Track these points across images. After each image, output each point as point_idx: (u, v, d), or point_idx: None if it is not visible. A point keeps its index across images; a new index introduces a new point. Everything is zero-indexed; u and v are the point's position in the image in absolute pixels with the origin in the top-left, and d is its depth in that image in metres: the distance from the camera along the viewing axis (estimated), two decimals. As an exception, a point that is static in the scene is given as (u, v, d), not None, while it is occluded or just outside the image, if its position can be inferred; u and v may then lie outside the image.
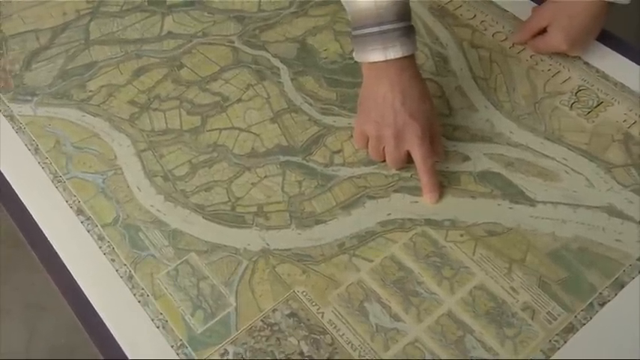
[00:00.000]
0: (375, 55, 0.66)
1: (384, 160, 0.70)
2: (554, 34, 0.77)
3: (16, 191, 0.70)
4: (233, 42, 0.83)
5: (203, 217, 0.68)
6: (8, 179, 0.71)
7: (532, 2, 0.85)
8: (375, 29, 0.65)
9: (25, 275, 1.33)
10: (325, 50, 0.81)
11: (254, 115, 0.76)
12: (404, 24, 0.66)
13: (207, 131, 0.75)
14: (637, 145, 0.72)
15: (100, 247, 0.66)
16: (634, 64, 0.79)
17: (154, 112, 0.76)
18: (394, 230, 0.66)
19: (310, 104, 0.76)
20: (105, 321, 0.61)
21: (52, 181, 0.70)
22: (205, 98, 0.77)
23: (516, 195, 0.69)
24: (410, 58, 0.67)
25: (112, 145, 0.73)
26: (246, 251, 0.65)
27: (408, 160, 0.69)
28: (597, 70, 0.79)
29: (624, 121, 0.74)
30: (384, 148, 0.69)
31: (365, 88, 0.69)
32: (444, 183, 0.69)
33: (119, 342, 0.59)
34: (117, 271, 0.64)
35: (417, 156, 0.67)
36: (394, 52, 0.65)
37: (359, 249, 0.65)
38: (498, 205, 0.68)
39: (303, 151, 0.72)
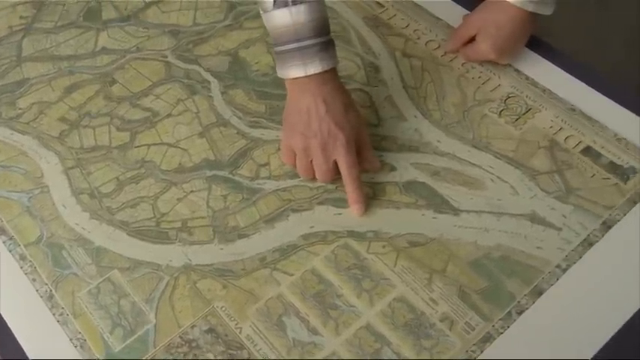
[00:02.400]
0: (295, 71, 0.66)
1: (314, 177, 0.70)
2: (483, 42, 0.78)
3: (-59, 212, 0.70)
4: (166, 56, 0.83)
5: (127, 234, 0.68)
6: None
7: (465, 10, 0.85)
8: (294, 45, 0.66)
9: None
10: (257, 63, 0.82)
11: (183, 130, 0.76)
12: (322, 39, 0.66)
13: (135, 147, 0.74)
14: (562, 151, 0.73)
15: (22, 267, 0.65)
16: (562, 71, 0.80)
17: (84, 129, 0.76)
18: (316, 243, 0.66)
19: (239, 117, 0.76)
20: (20, 342, 0.61)
21: (-24, 201, 0.70)
22: (136, 114, 0.77)
23: (441, 204, 0.69)
24: (331, 72, 0.68)
25: (40, 163, 0.73)
26: (168, 267, 0.65)
27: (337, 173, 0.69)
28: (527, 77, 0.79)
29: (551, 127, 0.75)
30: (311, 162, 0.69)
31: (289, 102, 0.70)
32: (369, 194, 0.70)
33: (32, 362, 0.59)
34: (37, 290, 0.64)
35: (343, 165, 0.67)
36: (314, 68, 0.66)
37: (280, 263, 0.65)
38: (422, 215, 0.68)
39: (230, 165, 0.73)
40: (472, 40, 0.79)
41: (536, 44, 0.82)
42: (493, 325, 0.61)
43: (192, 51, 0.84)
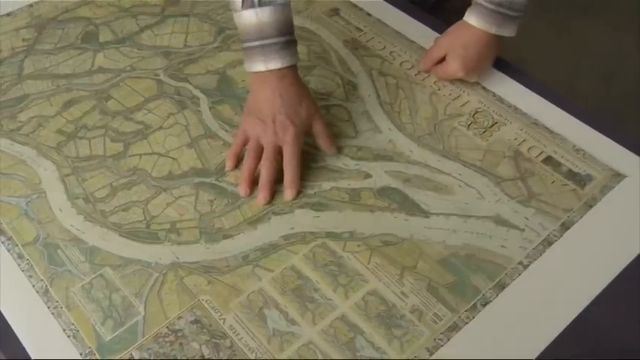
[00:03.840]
0: (258, 65, 0.75)
1: (257, 162, 0.76)
2: (452, 62, 0.84)
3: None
4: (158, 75, 0.89)
5: (119, 235, 0.72)
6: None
7: (437, 33, 0.91)
8: (258, 43, 0.74)
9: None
10: (243, 81, 0.87)
11: (173, 141, 0.81)
12: (284, 38, 0.74)
13: (128, 156, 0.80)
14: (525, 160, 0.78)
15: (19, 265, 0.70)
16: (526, 89, 0.86)
17: (80, 140, 0.81)
18: (296, 243, 0.71)
19: (226, 130, 0.82)
20: (17, 333, 0.64)
21: (-23, 205, 0.75)
22: (129, 127, 0.83)
23: (412, 208, 0.74)
24: (290, 68, 0.75)
25: (38, 171, 0.78)
26: (157, 264, 0.70)
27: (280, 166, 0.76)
28: (494, 94, 0.86)
29: (515, 139, 0.81)
30: (258, 155, 0.76)
31: (251, 94, 0.78)
32: (345, 199, 0.75)
33: (28, 350, 0.63)
34: (33, 286, 0.68)
35: (287, 153, 0.75)
36: (274, 64, 0.74)
37: (261, 260, 0.70)
38: (395, 217, 0.73)
39: (217, 172, 0.78)
40: (442, 60, 0.86)
41: (502, 65, 0.88)
42: (459, 316, 0.65)
43: (182, 70, 0.90)
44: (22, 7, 0.98)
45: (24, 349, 0.64)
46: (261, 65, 0.74)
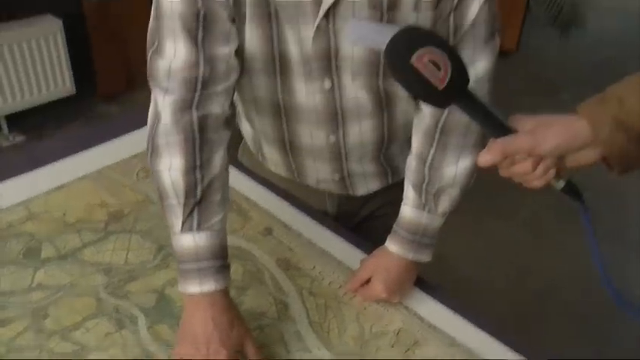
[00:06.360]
0: (193, 287, 0.79)
1: None
2: (376, 284, 0.92)
3: None
4: (99, 292, 0.92)
5: None
6: None
7: (361, 252, 1.00)
8: (194, 265, 0.79)
9: None
10: (181, 299, 0.92)
11: (109, 363, 0.83)
12: (219, 262, 0.80)
13: (63, 379, 0.80)
14: (447, 379, 0.84)
15: None
16: (444, 307, 0.94)
17: (13, 364, 0.82)
18: None
19: (164, 350, 0.85)
20: None
21: None
22: (65, 347, 0.84)
23: None
24: (222, 292, 0.80)
25: (-34, 397, 0.77)
26: None
27: None
28: (415, 314, 0.93)
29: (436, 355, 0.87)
30: None
31: (184, 316, 0.81)
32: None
33: None
34: None
35: None
36: (208, 286, 0.78)
37: None
38: None
39: (152, 395, 0.79)
40: (369, 281, 0.94)
41: (422, 283, 0.97)
42: None
43: (122, 288, 0.93)
44: (-35, 221, 1.02)
45: None
46: (196, 287, 0.79)
